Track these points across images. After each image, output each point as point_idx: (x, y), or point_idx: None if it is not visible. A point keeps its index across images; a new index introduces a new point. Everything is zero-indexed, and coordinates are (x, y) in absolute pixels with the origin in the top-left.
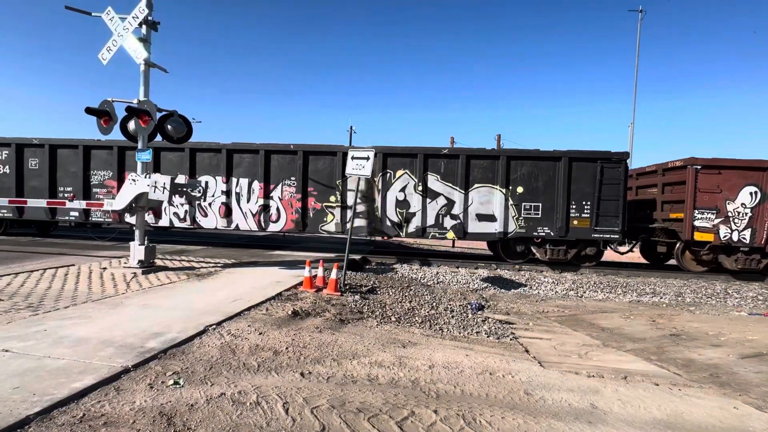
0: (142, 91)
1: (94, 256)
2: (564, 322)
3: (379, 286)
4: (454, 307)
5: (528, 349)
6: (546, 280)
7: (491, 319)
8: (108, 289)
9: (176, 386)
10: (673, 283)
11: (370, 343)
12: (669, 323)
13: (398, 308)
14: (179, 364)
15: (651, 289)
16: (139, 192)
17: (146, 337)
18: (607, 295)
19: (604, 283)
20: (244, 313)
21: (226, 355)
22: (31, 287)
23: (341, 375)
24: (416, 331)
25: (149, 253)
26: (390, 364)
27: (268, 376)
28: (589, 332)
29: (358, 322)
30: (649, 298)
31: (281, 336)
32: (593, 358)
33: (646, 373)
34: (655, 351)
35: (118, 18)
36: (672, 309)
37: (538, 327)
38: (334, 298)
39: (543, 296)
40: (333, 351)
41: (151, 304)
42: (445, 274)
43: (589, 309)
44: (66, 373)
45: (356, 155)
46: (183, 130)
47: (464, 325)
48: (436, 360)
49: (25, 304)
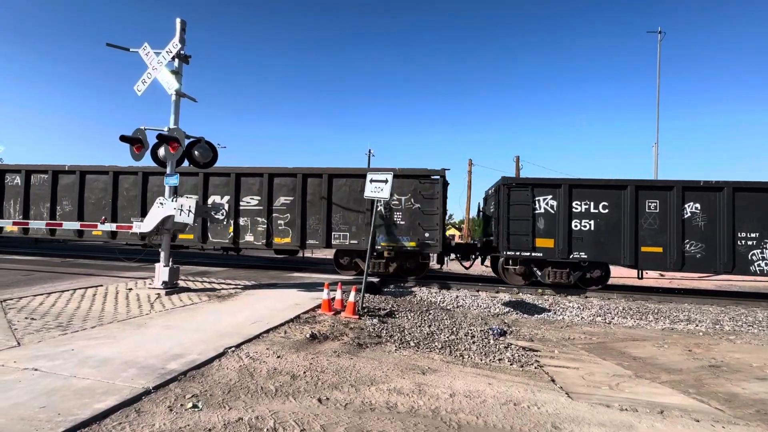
0: (172, 119)
1: (121, 277)
2: (592, 350)
3: (397, 310)
4: (475, 332)
5: (554, 379)
6: (571, 305)
7: (514, 345)
8: (133, 310)
9: (195, 410)
10: (709, 309)
11: (388, 368)
12: (707, 353)
13: (417, 333)
14: (198, 387)
15: (685, 316)
16: (166, 215)
17: (167, 358)
18: (638, 322)
19: (633, 309)
20: (262, 336)
21: (245, 379)
22: (62, 307)
23: (359, 402)
24: (436, 356)
25: (173, 275)
26: (409, 391)
27: (285, 401)
28: (620, 361)
29: (376, 346)
30: (683, 326)
31: (299, 360)
32: (625, 389)
33: (685, 407)
34: (693, 383)
35: (153, 53)
36: (709, 338)
37: (564, 355)
38: (352, 322)
39: (568, 322)
40: (351, 376)
41: (173, 325)
42: (465, 297)
43: (618, 336)
44: (90, 393)
45: (375, 178)
46: (209, 155)
47: (486, 351)
48: (457, 388)
49: (55, 324)
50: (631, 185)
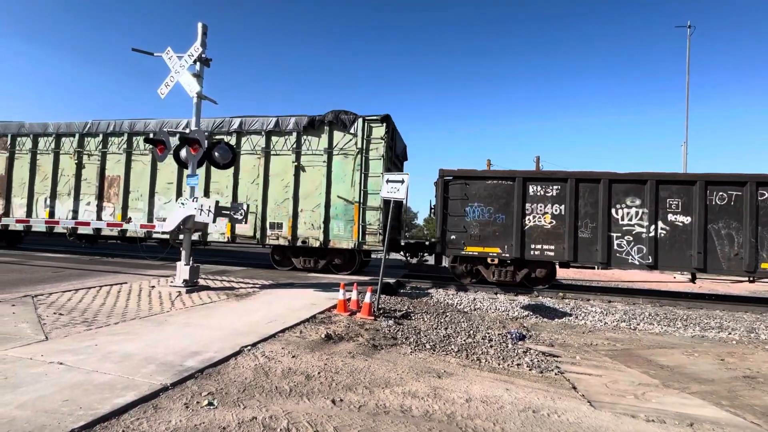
0: (193, 121)
1: (144, 275)
2: (616, 356)
3: (413, 312)
4: (493, 335)
5: (575, 386)
6: (594, 310)
7: (533, 350)
8: (155, 307)
9: (210, 407)
10: (743, 317)
11: (403, 371)
12: (741, 363)
13: (433, 335)
14: (214, 385)
15: (717, 323)
16: (187, 215)
17: (185, 355)
18: (665, 329)
19: (660, 315)
20: (278, 335)
21: (260, 378)
22: (88, 303)
23: (373, 404)
24: (452, 360)
25: (193, 273)
26: (424, 394)
27: (299, 401)
28: (646, 370)
29: (391, 348)
30: (714, 333)
31: (314, 360)
32: (652, 399)
33: (717, 420)
34: (726, 395)
35: (176, 57)
36: (744, 346)
37: (586, 361)
38: (368, 323)
39: (590, 327)
40: (365, 378)
41: (192, 322)
42: (483, 300)
43: (644, 343)
44: (111, 388)
45: (391, 179)
46: (229, 156)
47: (504, 355)
48: (473, 393)
49: (81, 319)
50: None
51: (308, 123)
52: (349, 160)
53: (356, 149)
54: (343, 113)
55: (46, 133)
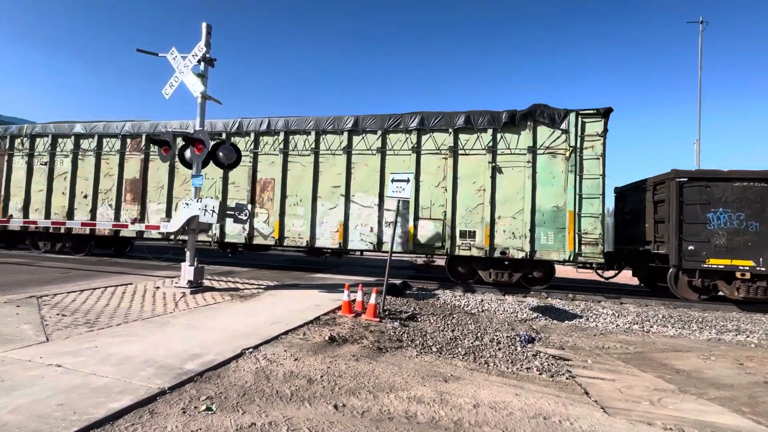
0: (198, 121)
1: (150, 276)
2: (629, 360)
3: (419, 313)
4: (501, 338)
5: (588, 391)
6: (605, 312)
7: (543, 353)
8: (158, 308)
9: (208, 412)
10: (761, 319)
11: (408, 375)
12: (761, 367)
13: (440, 337)
14: (213, 389)
15: (734, 326)
16: (192, 215)
17: (186, 358)
18: (680, 331)
19: (674, 317)
20: (281, 337)
21: (260, 382)
22: (92, 304)
23: (377, 410)
24: (459, 363)
25: (198, 274)
26: (430, 400)
27: (300, 406)
28: (661, 374)
29: (396, 351)
30: (732, 336)
31: (317, 363)
32: (668, 405)
33: (739, 429)
34: (746, 401)
35: (180, 57)
36: (763, 350)
37: (598, 365)
38: (373, 324)
39: (602, 329)
40: (369, 382)
41: (195, 324)
42: (491, 301)
43: (658, 346)
44: (107, 392)
45: (396, 178)
46: (233, 156)
47: (512, 359)
48: (481, 398)
49: (84, 320)
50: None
51: (508, 119)
52: (558, 160)
53: (568, 148)
54: (549, 108)
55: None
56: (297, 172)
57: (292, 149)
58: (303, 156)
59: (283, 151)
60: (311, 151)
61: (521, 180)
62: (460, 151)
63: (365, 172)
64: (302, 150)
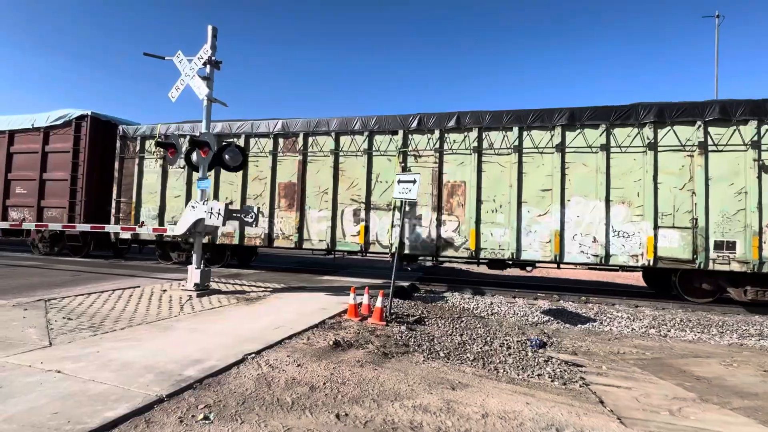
0: (204, 124)
1: (158, 279)
2: (646, 366)
3: (427, 317)
4: (511, 343)
5: (603, 400)
6: (619, 315)
7: (555, 359)
8: (163, 312)
9: (206, 421)
10: None
11: (414, 382)
12: None
13: (447, 342)
14: (212, 396)
15: (757, 330)
16: (198, 218)
17: (186, 363)
18: (699, 336)
19: (693, 321)
20: (284, 342)
21: (261, 389)
22: (98, 308)
23: (380, 419)
24: (467, 370)
25: (204, 277)
26: (437, 409)
27: (301, 415)
28: (680, 381)
29: (402, 356)
30: (755, 341)
31: (320, 369)
32: (690, 416)
33: None
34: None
35: (186, 60)
36: None
37: (613, 372)
38: (379, 328)
39: (617, 334)
40: (373, 390)
41: (198, 328)
42: (501, 304)
43: (676, 352)
44: (104, 399)
45: (402, 179)
46: (239, 159)
47: (523, 365)
48: (490, 407)
49: (88, 324)
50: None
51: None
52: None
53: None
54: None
55: (353, 131)
56: (494, 175)
57: (485, 149)
58: (501, 155)
59: (476, 150)
60: (514, 150)
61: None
62: (709, 147)
63: (583, 172)
64: (498, 148)
